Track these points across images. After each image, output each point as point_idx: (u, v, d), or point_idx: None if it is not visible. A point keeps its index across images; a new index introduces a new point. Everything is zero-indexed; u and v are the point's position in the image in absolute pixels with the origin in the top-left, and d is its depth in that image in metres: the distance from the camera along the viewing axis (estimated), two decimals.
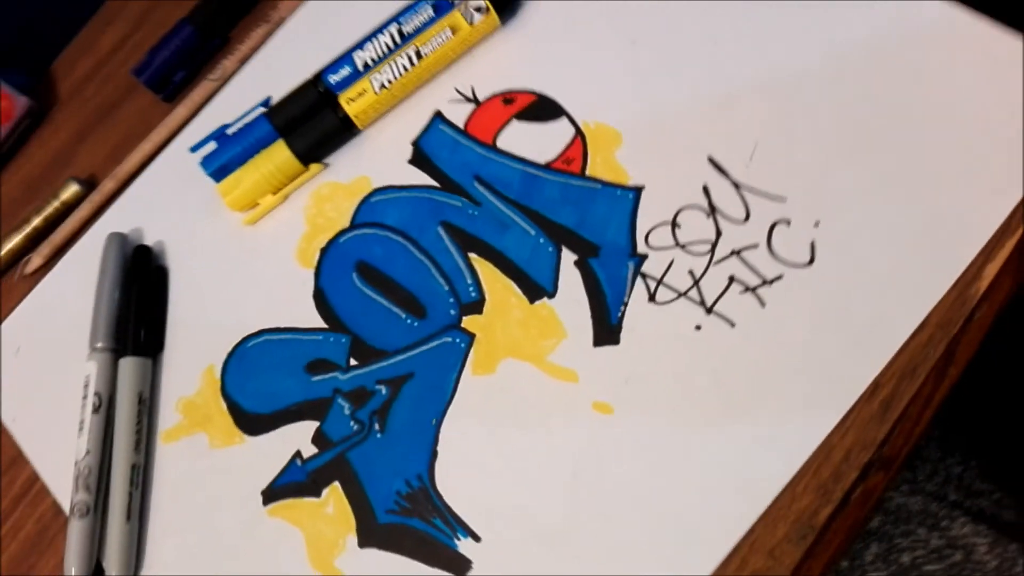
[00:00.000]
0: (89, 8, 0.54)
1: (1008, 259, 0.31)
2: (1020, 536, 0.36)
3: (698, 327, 0.33)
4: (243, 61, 0.46)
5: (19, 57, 0.55)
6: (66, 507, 0.40)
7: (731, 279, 0.33)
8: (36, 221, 0.47)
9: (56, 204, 0.46)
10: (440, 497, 0.34)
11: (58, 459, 0.41)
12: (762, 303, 0.33)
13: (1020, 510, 0.37)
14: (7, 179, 0.51)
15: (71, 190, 0.46)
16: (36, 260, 0.46)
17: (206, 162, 0.42)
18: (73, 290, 0.45)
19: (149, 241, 0.44)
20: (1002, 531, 0.35)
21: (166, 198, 0.45)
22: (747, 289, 0.33)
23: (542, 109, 0.39)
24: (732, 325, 0.33)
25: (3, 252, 0.47)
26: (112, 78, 0.51)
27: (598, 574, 0.31)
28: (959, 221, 0.32)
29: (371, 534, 0.34)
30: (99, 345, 0.40)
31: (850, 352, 0.31)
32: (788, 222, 0.33)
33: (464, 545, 0.33)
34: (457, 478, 0.34)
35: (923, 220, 0.32)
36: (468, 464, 0.34)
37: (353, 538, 0.35)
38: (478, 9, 0.39)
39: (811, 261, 0.33)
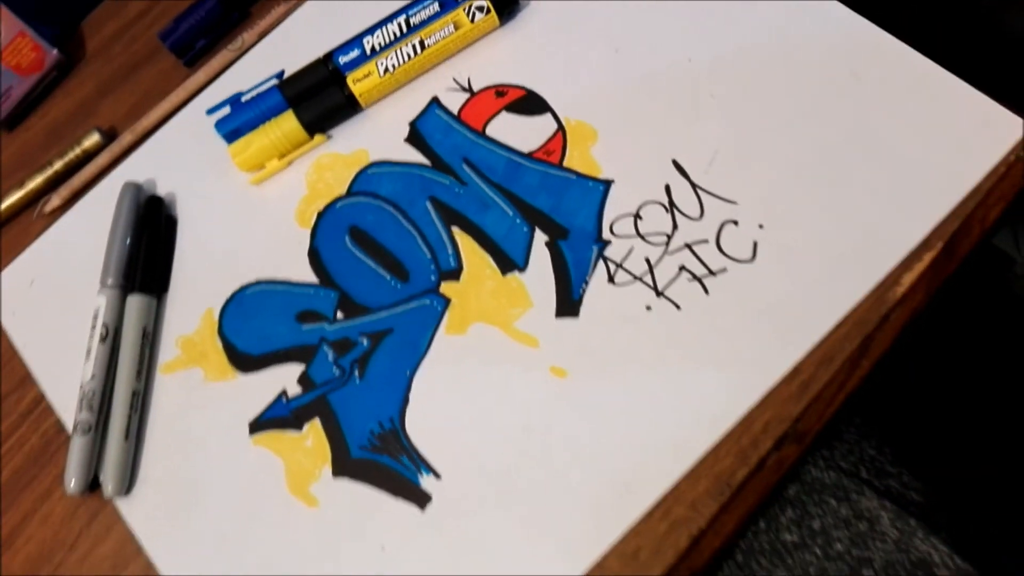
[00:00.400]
0: None
1: (924, 271, 0.36)
2: (920, 514, 0.40)
3: (648, 307, 0.37)
4: (261, 35, 0.49)
5: (52, 12, 0.58)
6: (69, 425, 0.43)
7: (681, 268, 0.38)
8: (57, 165, 0.50)
9: (77, 151, 0.50)
10: (408, 439, 0.38)
11: (63, 382, 0.44)
12: (706, 291, 0.37)
13: (923, 492, 0.42)
14: (33, 124, 0.54)
15: (92, 139, 0.50)
16: (55, 200, 0.49)
17: (220, 124, 0.46)
18: (87, 231, 0.48)
19: (161, 192, 0.48)
20: (904, 508, 0.40)
21: (180, 154, 0.48)
22: (694, 278, 0.37)
23: (530, 103, 0.43)
24: (678, 308, 0.37)
25: (25, 191, 0.50)
26: (138, 39, 0.54)
27: (538, 511, 0.35)
28: (885, 235, 0.36)
29: (344, 466, 0.38)
30: (109, 282, 0.44)
31: (777, 339, 0.35)
32: (736, 223, 0.38)
33: (426, 481, 0.37)
34: (424, 423, 0.38)
35: (854, 232, 0.36)
36: (435, 412, 0.38)
37: (328, 469, 0.39)
38: (480, 8, 0.43)
39: (753, 258, 0.37)
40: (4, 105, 0.52)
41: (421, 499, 0.37)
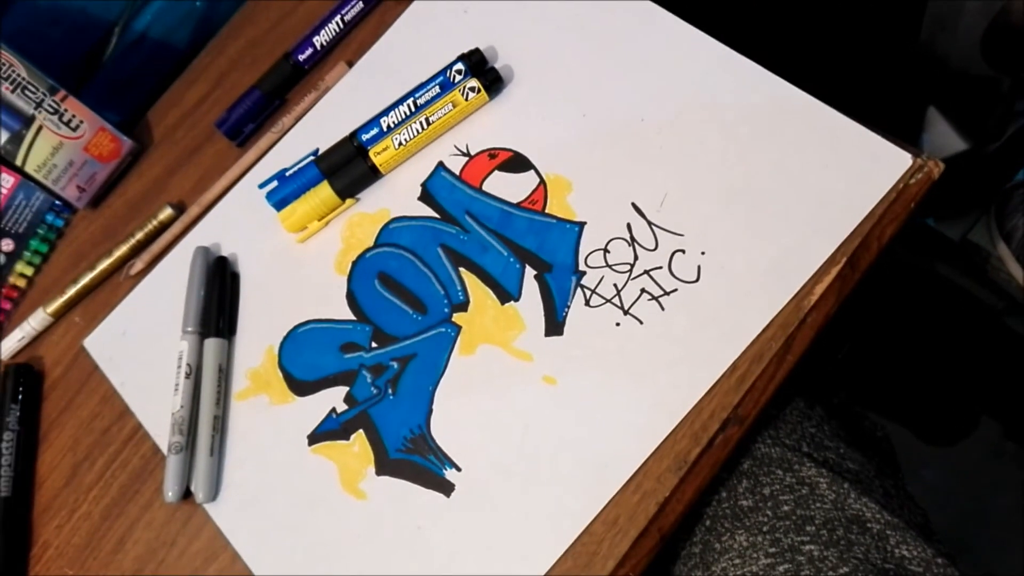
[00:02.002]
0: (178, 69, 0.68)
1: (832, 282, 0.44)
2: (852, 479, 0.48)
3: (618, 324, 0.46)
4: (297, 119, 0.59)
5: (115, 104, 0.69)
6: (163, 448, 0.53)
7: (642, 290, 0.46)
8: (139, 235, 0.60)
9: (154, 223, 0.60)
10: (434, 440, 0.47)
11: (156, 412, 0.54)
12: (662, 308, 0.46)
13: (856, 462, 0.50)
14: (113, 202, 0.64)
15: (166, 212, 0.60)
16: (139, 265, 0.60)
17: (270, 195, 0.56)
18: (166, 289, 0.57)
19: (226, 252, 0.57)
20: (840, 474, 0.48)
21: (239, 221, 0.58)
22: (653, 298, 0.46)
23: (516, 162, 0.52)
24: (641, 323, 0.46)
25: (113, 258, 0.60)
26: (196, 125, 0.64)
27: (538, 491, 0.44)
28: (799, 254, 0.44)
29: (384, 466, 0.48)
30: (189, 329, 0.54)
31: (718, 342, 0.44)
32: (684, 251, 0.46)
33: (450, 474, 0.46)
34: (446, 428, 0.47)
35: (775, 252, 0.45)
36: (454, 418, 0.47)
37: (372, 468, 0.48)
38: (472, 89, 0.52)
39: (697, 279, 0.46)
40: (90, 188, 0.63)
41: (447, 488, 0.46)
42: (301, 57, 0.60)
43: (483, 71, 0.53)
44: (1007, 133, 0.85)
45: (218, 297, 0.55)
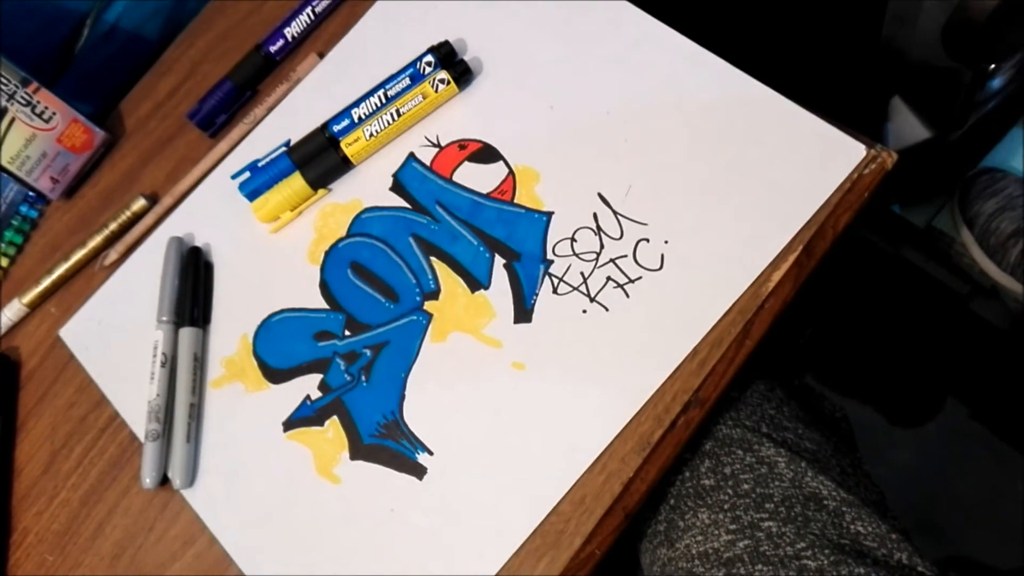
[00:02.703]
0: (150, 60, 0.68)
1: (789, 269, 0.45)
2: (810, 458, 0.50)
3: (584, 311, 0.48)
4: (269, 110, 0.59)
5: (87, 95, 0.69)
6: (140, 435, 0.54)
7: (608, 278, 0.48)
8: (113, 226, 0.60)
9: (128, 213, 0.60)
10: (407, 425, 0.49)
11: (132, 401, 0.55)
12: (627, 295, 0.47)
13: (814, 442, 0.52)
14: (86, 193, 0.64)
15: (139, 203, 0.61)
16: (112, 255, 0.60)
17: (242, 186, 0.56)
18: (141, 279, 0.58)
19: (199, 243, 0.58)
20: (797, 454, 0.50)
21: (212, 211, 0.59)
22: (618, 285, 0.48)
23: (486, 153, 0.53)
24: (607, 310, 0.47)
25: (87, 249, 0.61)
26: (168, 116, 0.64)
27: (509, 473, 0.46)
28: (757, 242, 0.46)
29: (358, 451, 0.49)
30: (164, 318, 0.54)
31: (680, 328, 0.46)
32: (648, 240, 0.48)
33: (422, 457, 0.48)
34: (418, 413, 0.49)
35: (734, 241, 0.46)
36: (426, 404, 0.49)
37: (346, 454, 0.49)
38: (442, 80, 0.53)
39: (661, 267, 0.47)
40: (63, 179, 0.64)
41: (419, 472, 0.48)
42: (272, 48, 0.61)
43: (452, 63, 0.54)
44: (969, 122, 0.87)
45: (192, 286, 0.56)
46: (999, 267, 0.91)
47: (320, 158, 0.55)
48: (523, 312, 0.49)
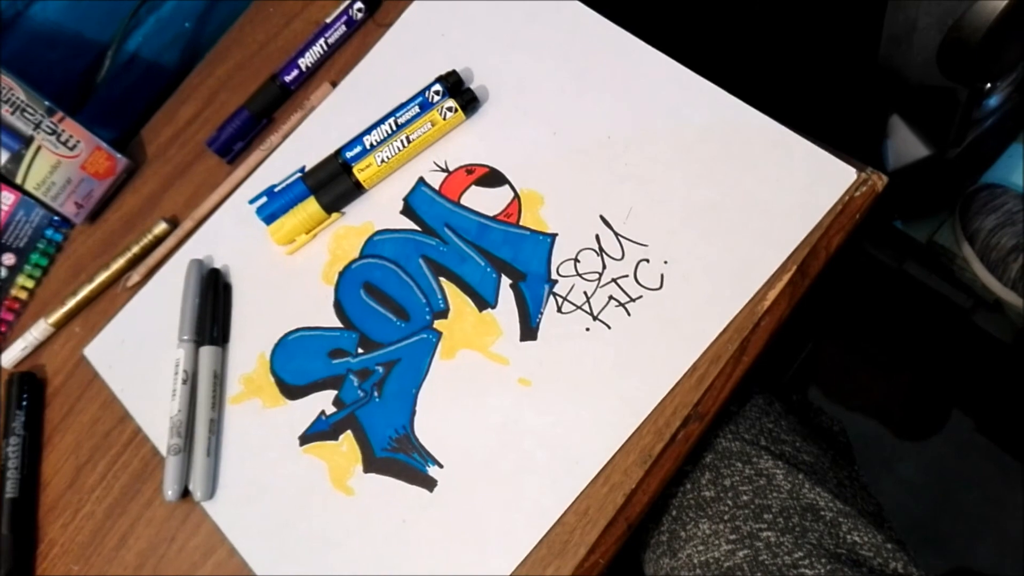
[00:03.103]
0: (169, 89, 0.71)
1: (784, 288, 0.47)
2: (807, 470, 0.51)
3: (587, 329, 0.50)
4: (285, 137, 0.62)
5: (109, 121, 0.72)
6: (162, 450, 0.56)
7: (610, 297, 0.50)
8: (135, 248, 0.63)
9: (149, 237, 0.63)
10: (417, 439, 0.51)
11: (154, 417, 0.57)
12: (629, 313, 0.49)
13: (811, 455, 0.53)
14: (109, 217, 0.67)
15: (160, 227, 0.63)
16: (135, 277, 0.63)
17: (259, 210, 0.59)
18: (162, 299, 0.60)
19: (218, 265, 0.60)
20: (795, 466, 0.51)
21: (230, 234, 0.61)
22: (620, 304, 0.50)
23: (492, 178, 0.55)
24: (609, 328, 0.49)
25: (110, 271, 0.63)
26: (188, 143, 0.66)
27: (515, 485, 0.48)
28: (753, 262, 0.48)
29: (371, 464, 0.51)
30: (185, 337, 0.57)
31: (680, 345, 0.47)
32: (648, 260, 0.50)
33: (433, 470, 0.50)
34: (429, 427, 0.51)
35: (731, 261, 0.48)
36: (436, 418, 0.51)
37: (359, 467, 0.51)
38: (450, 109, 0.56)
39: (661, 286, 0.49)
40: (87, 204, 0.66)
41: (430, 484, 0.49)
42: (287, 78, 0.63)
43: (460, 92, 0.56)
44: (967, 140, 0.88)
45: (212, 307, 0.58)
46: (1000, 282, 0.93)
47: (334, 183, 0.57)
48: (529, 330, 0.51)
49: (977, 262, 0.96)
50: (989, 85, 0.80)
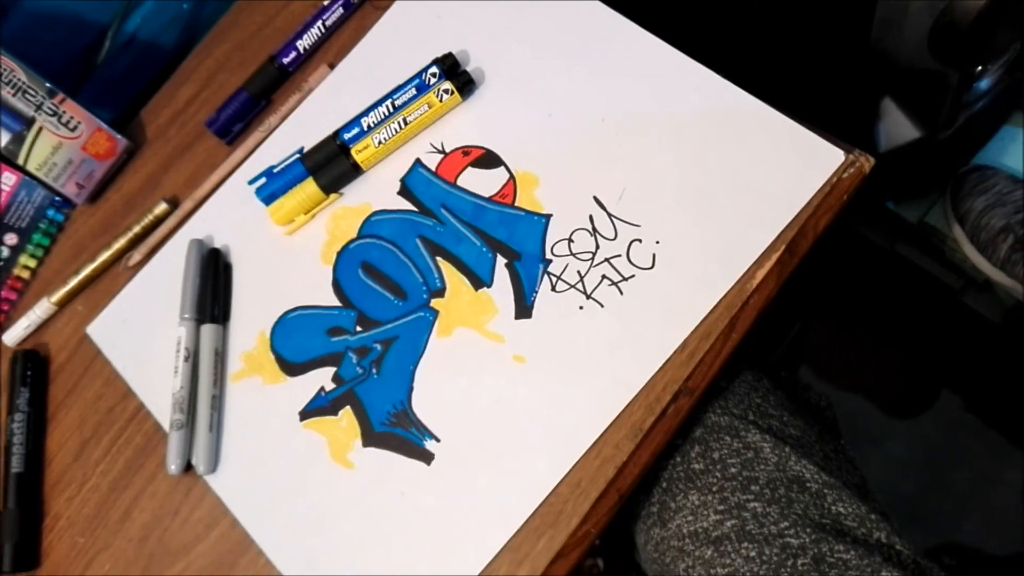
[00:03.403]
0: (168, 69, 0.71)
1: (772, 267, 0.48)
2: (793, 444, 0.53)
3: (581, 307, 0.51)
4: (283, 119, 0.62)
5: (107, 102, 0.72)
6: (165, 426, 0.57)
7: (603, 276, 0.51)
8: (136, 228, 0.64)
9: (150, 217, 0.64)
10: (415, 414, 0.52)
11: (156, 394, 0.58)
12: (621, 292, 0.50)
13: (798, 429, 0.55)
14: (110, 197, 0.68)
15: (161, 207, 0.64)
16: (136, 256, 0.64)
17: (259, 191, 0.60)
18: (163, 279, 0.61)
19: (218, 244, 0.61)
20: (782, 440, 0.53)
21: (230, 215, 0.62)
22: (612, 283, 0.51)
23: (488, 159, 0.56)
24: (602, 306, 0.50)
25: (112, 251, 0.64)
26: (187, 124, 0.67)
27: (510, 459, 0.49)
28: (743, 244, 0.49)
29: (370, 438, 0.53)
30: (186, 316, 0.57)
31: (670, 322, 0.49)
32: (640, 240, 0.51)
33: (430, 444, 0.51)
34: (426, 403, 0.52)
35: (721, 241, 0.49)
36: (433, 394, 0.52)
37: (358, 441, 0.53)
38: (446, 91, 0.56)
39: (652, 266, 0.50)
40: (88, 185, 0.67)
41: (427, 457, 0.51)
42: (285, 60, 0.64)
43: (456, 74, 0.57)
44: (957, 122, 0.89)
45: (212, 286, 0.59)
46: (990, 262, 0.94)
47: (332, 164, 0.58)
48: (524, 308, 0.52)
49: (967, 243, 0.97)
50: (980, 68, 0.81)
